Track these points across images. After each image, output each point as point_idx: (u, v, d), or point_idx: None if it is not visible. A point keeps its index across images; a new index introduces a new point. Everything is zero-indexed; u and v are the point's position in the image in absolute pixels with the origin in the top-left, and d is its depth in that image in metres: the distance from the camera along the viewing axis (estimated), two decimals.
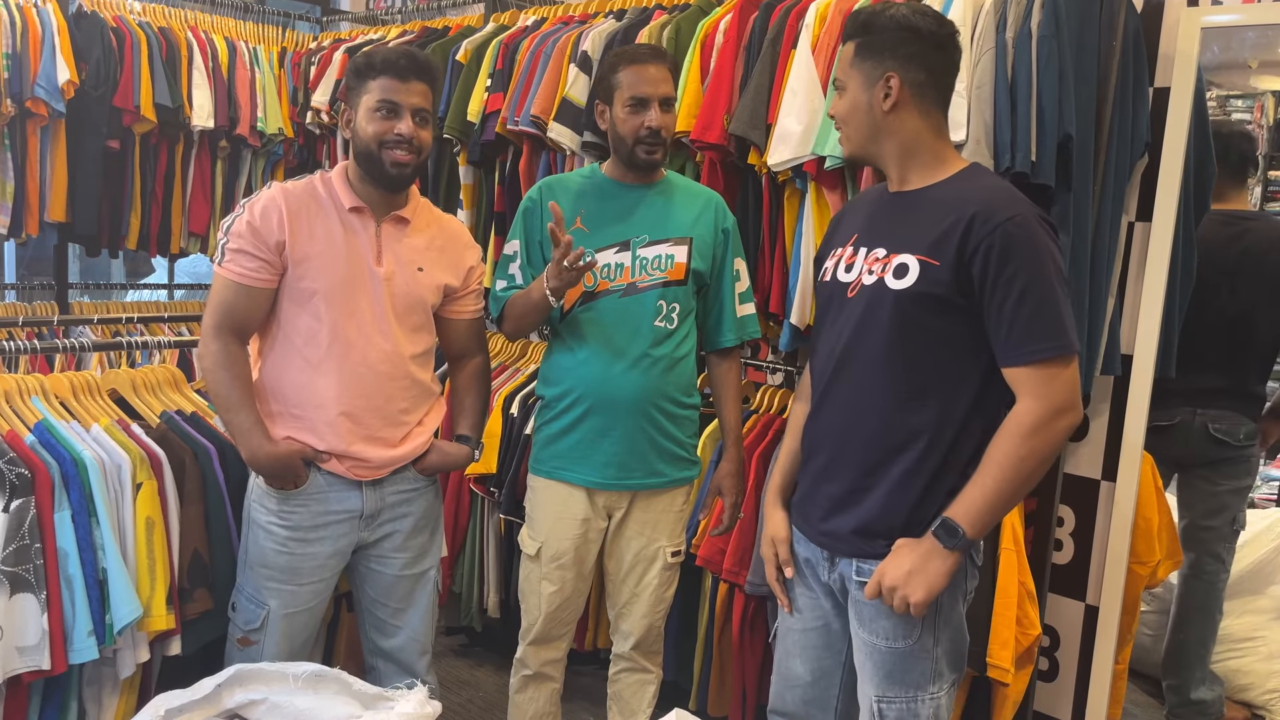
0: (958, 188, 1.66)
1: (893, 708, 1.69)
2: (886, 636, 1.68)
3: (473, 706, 3.02)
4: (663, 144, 2.11)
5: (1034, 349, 1.56)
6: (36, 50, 3.43)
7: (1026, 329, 1.56)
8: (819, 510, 1.77)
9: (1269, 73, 5.60)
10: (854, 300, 1.71)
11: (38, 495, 1.89)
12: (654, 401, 2.13)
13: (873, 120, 1.68)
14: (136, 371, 2.32)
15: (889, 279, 1.65)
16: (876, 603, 1.66)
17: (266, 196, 1.97)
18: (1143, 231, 2.38)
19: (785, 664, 1.90)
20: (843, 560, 1.74)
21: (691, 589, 2.67)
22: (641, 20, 2.88)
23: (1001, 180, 1.74)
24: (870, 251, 1.71)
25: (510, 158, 3.15)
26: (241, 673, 1.71)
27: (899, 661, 1.68)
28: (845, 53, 1.72)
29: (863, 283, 1.70)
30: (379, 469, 2.06)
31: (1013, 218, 1.57)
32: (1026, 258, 1.56)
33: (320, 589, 2.08)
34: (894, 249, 1.66)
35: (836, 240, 1.83)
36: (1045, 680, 2.55)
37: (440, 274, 2.10)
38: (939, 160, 1.70)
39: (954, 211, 1.60)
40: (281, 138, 4.13)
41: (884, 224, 1.72)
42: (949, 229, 1.60)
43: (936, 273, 1.60)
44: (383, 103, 1.95)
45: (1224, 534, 2.95)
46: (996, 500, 1.59)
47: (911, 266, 1.63)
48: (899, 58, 1.64)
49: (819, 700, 1.86)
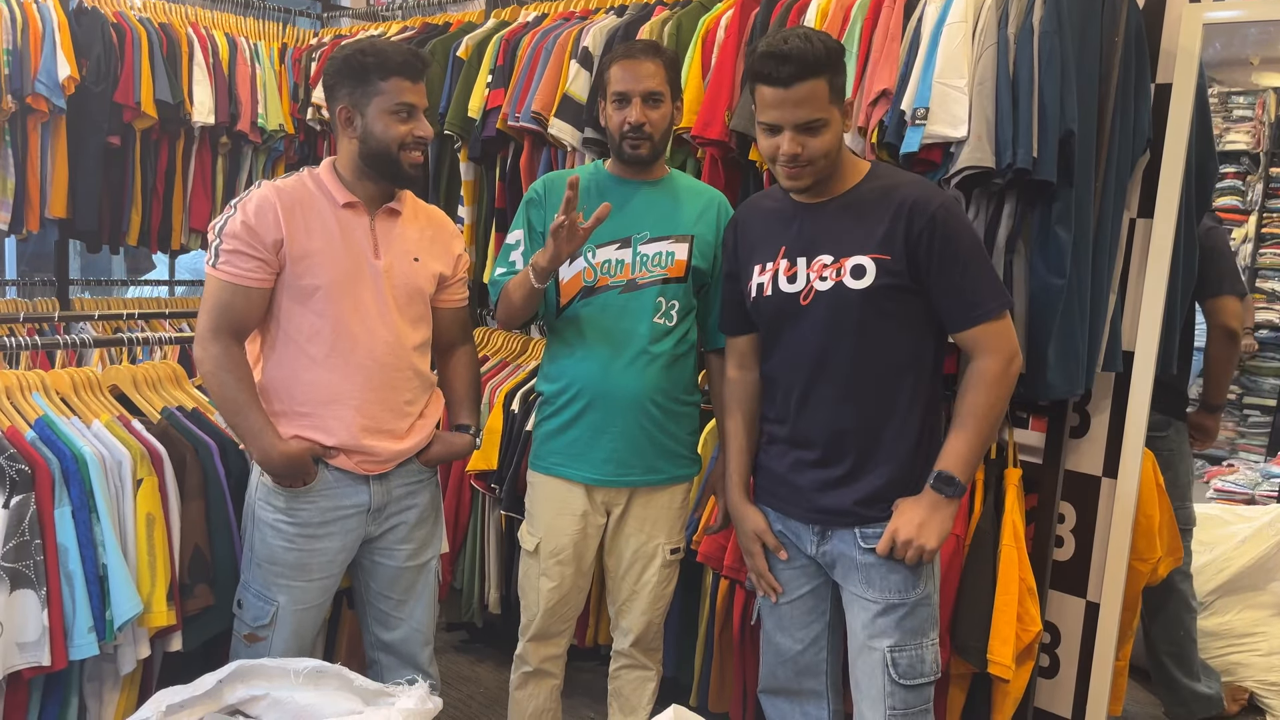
0: (878, 186, 1.82)
1: (904, 655, 1.83)
2: (899, 590, 1.82)
3: (473, 702, 3.02)
4: (648, 139, 2.10)
5: (983, 310, 1.78)
6: (37, 46, 3.42)
7: (973, 296, 1.78)
8: (810, 490, 1.89)
9: (1270, 69, 5.60)
10: (811, 306, 1.84)
11: (38, 491, 1.89)
12: (652, 398, 2.13)
13: (840, 147, 1.83)
14: (137, 367, 2.32)
15: (848, 280, 1.80)
16: (887, 562, 1.82)
17: (259, 195, 1.96)
18: (1144, 228, 2.37)
19: (774, 640, 2.02)
20: (839, 531, 1.87)
21: (692, 586, 2.67)
22: (643, 16, 2.88)
23: (911, 173, 1.95)
24: (812, 260, 1.83)
25: (511, 154, 3.15)
26: (243, 668, 1.71)
27: (909, 612, 1.83)
28: (818, 91, 1.72)
29: (815, 289, 1.83)
30: (386, 463, 2.06)
31: (942, 202, 1.78)
32: (960, 236, 1.78)
33: (329, 584, 2.09)
34: (842, 253, 1.81)
35: (755, 256, 1.92)
36: (1046, 677, 2.55)
37: (434, 263, 2.11)
38: (850, 165, 1.86)
39: (888, 207, 1.78)
40: (282, 134, 4.13)
41: (818, 233, 1.84)
42: (891, 223, 1.77)
43: (891, 265, 1.77)
44: (401, 105, 1.95)
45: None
46: (979, 447, 1.81)
47: (868, 266, 1.78)
48: (842, 83, 1.79)
49: (811, 668, 1.99)
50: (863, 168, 1.86)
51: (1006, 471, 2.36)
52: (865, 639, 1.85)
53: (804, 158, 1.74)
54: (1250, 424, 5.71)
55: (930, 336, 1.85)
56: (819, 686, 2.00)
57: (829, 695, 2.01)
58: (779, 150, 1.75)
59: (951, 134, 2.11)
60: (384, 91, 1.94)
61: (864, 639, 1.86)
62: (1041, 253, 2.14)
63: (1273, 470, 4.97)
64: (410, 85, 1.95)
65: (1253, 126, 5.75)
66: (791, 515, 1.93)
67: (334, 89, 1.99)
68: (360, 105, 1.96)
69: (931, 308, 1.81)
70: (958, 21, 2.15)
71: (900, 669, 1.82)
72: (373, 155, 1.97)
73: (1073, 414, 2.43)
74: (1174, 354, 2.57)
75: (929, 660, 1.85)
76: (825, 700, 2.00)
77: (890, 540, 1.80)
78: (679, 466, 2.21)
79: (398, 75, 1.94)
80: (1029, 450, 2.45)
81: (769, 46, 1.72)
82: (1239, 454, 5.65)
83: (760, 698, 2.08)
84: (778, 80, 1.70)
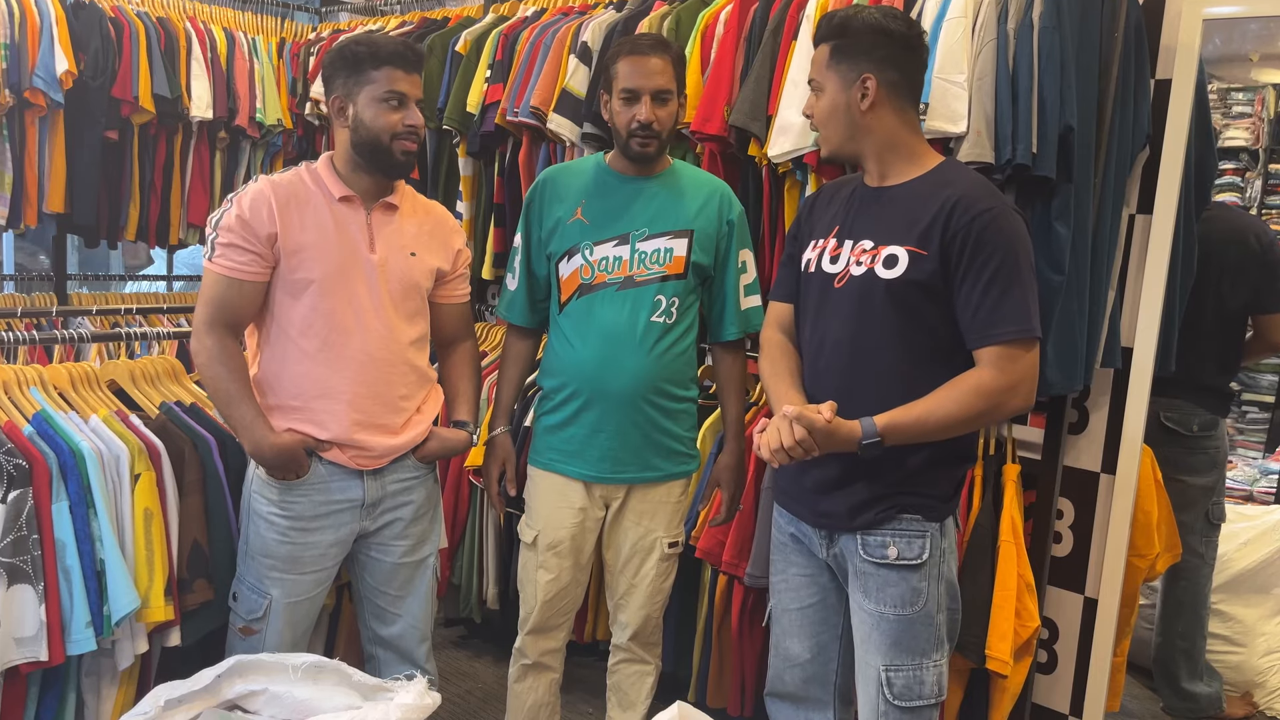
0: (938, 181, 1.75)
1: (900, 675, 1.76)
2: (894, 605, 1.75)
3: (472, 698, 3.02)
4: (656, 137, 2.09)
5: (1000, 331, 1.66)
6: (35, 40, 3.41)
7: (993, 312, 1.66)
8: (812, 491, 1.84)
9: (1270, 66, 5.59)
10: (842, 291, 1.79)
11: (35, 486, 1.88)
12: (647, 396, 2.12)
13: (851, 120, 1.77)
14: (135, 362, 2.32)
15: (879, 269, 1.74)
16: (884, 574, 1.75)
17: (254, 190, 1.96)
18: (1143, 224, 2.37)
19: (783, 644, 1.97)
20: (844, 536, 1.81)
21: (691, 581, 2.67)
22: (642, 11, 2.87)
23: (978, 174, 1.83)
24: (856, 244, 1.79)
25: (510, 149, 3.14)
26: (241, 663, 1.71)
27: (906, 629, 1.75)
28: (820, 55, 1.79)
29: (851, 273, 1.78)
30: (380, 458, 2.06)
31: (990, 208, 1.68)
32: (999, 245, 1.66)
33: (322, 578, 2.09)
34: (881, 241, 1.76)
35: (815, 230, 1.90)
36: (1044, 672, 2.55)
37: (431, 258, 2.11)
38: (916, 155, 1.79)
39: (936, 202, 1.71)
40: (280, 129, 4.12)
41: (867, 218, 1.80)
42: (933, 219, 1.70)
43: (924, 262, 1.70)
44: (391, 94, 1.94)
45: (1197, 527, 2.93)
46: (918, 423, 1.67)
47: (901, 257, 1.72)
48: (874, 60, 1.74)
49: (818, 677, 1.93)
50: (932, 160, 1.80)
51: (1005, 467, 2.36)
52: (862, 653, 1.81)
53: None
54: (1248, 420, 5.71)
55: (953, 352, 1.73)
56: (825, 696, 1.94)
57: (835, 705, 1.95)
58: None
59: (951, 129, 2.11)
60: (375, 80, 1.94)
61: (861, 652, 1.81)
62: (1040, 248, 2.13)
63: (1271, 467, 4.97)
64: (403, 75, 1.95)
65: (1252, 123, 5.74)
66: (801, 518, 1.89)
67: (330, 80, 2.00)
68: (352, 94, 1.96)
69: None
70: (957, 17, 2.15)
71: (895, 690, 1.76)
72: (364, 144, 1.97)
73: (1071, 410, 2.43)
74: (1173, 350, 2.57)
75: (929, 682, 1.76)
76: (831, 709, 1.95)
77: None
78: (676, 463, 2.21)
79: (390, 64, 1.94)
80: (1027, 446, 2.45)
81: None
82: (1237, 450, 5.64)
83: (766, 700, 2.05)
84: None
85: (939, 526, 1.79)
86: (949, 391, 1.68)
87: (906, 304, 1.72)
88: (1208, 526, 2.95)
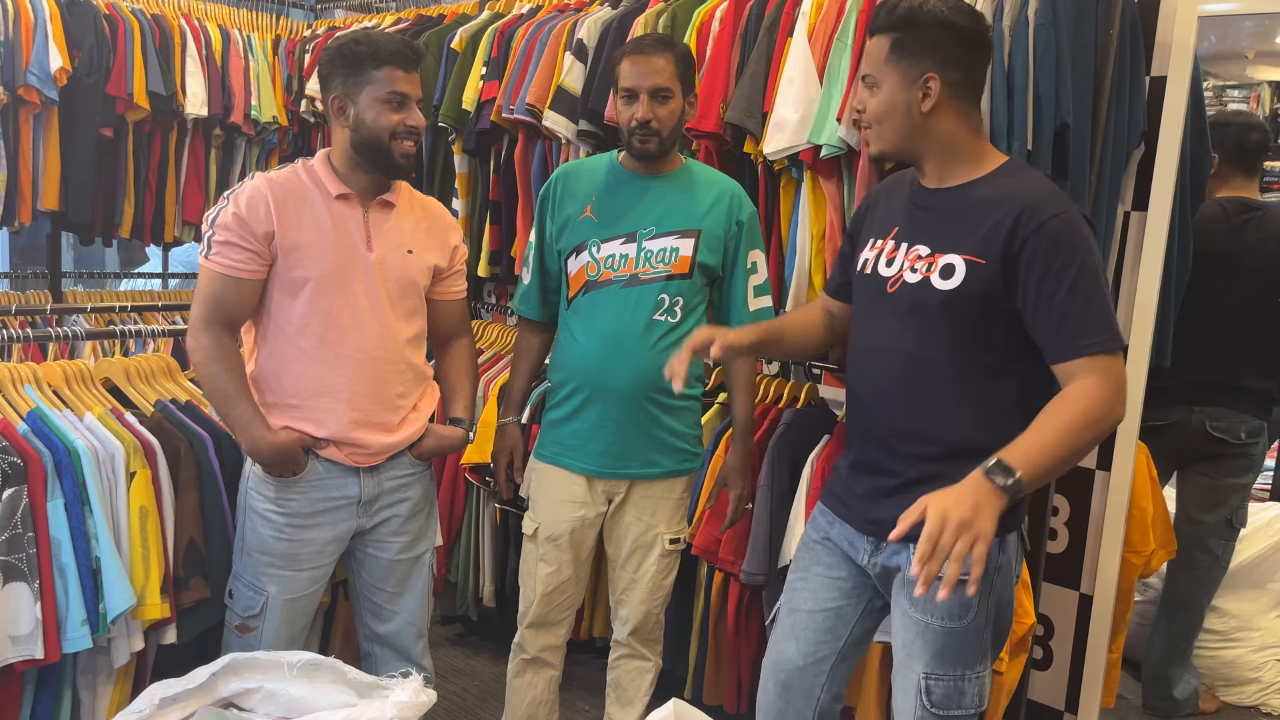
0: (1001, 184, 1.64)
1: (940, 685, 1.68)
2: (942, 616, 1.66)
3: (468, 695, 3.02)
4: (655, 135, 2.09)
5: (1089, 342, 1.54)
6: (29, 37, 3.40)
7: (1080, 322, 1.54)
8: (864, 498, 1.77)
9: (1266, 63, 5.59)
10: (895, 296, 1.70)
11: (30, 484, 1.88)
12: (648, 394, 2.13)
13: (910, 121, 1.66)
14: (130, 360, 2.32)
15: (935, 279, 1.64)
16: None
17: (251, 187, 1.95)
18: (1138, 221, 2.37)
19: (778, 645, 1.90)
20: (892, 545, 1.70)
21: (687, 578, 2.67)
22: (637, 8, 2.87)
23: (1044, 177, 1.72)
24: (912, 248, 1.70)
25: (506, 146, 3.14)
26: (236, 661, 1.70)
27: (952, 640, 1.67)
28: (878, 48, 1.67)
29: (904, 280, 1.69)
30: (377, 455, 2.06)
31: (1059, 214, 1.56)
32: (1074, 253, 1.55)
33: (319, 575, 2.09)
34: (938, 249, 1.66)
35: (875, 229, 1.81)
36: (1039, 669, 2.56)
37: (429, 255, 2.11)
38: (977, 156, 1.69)
39: (1000, 208, 1.59)
40: (275, 126, 4.11)
41: (926, 221, 1.71)
42: (995, 225, 1.59)
43: (983, 270, 1.60)
44: (393, 94, 1.94)
45: (1219, 529, 2.92)
46: (1052, 456, 1.49)
47: (958, 267, 1.62)
48: (937, 59, 1.62)
49: (802, 688, 1.85)
50: (993, 160, 1.69)
51: None
52: (904, 657, 1.73)
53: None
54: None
55: (1015, 372, 1.64)
56: (806, 710, 1.86)
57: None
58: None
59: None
60: (376, 80, 1.93)
61: (903, 656, 1.73)
62: None
63: (1267, 463, 4.98)
64: (404, 75, 1.95)
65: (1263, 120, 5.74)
66: (849, 522, 1.80)
67: (328, 79, 1.98)
68: (353, 94, 1.95)
69: (1022, 331, 1.60)
70: None
71: (934, 698, 1.69)
72: (364, 144, 1.97)
73: None
74: (1168, 346, 2.57)
75: (970, 694, 1.69)
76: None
77: (919, 514, 1.45)
78: (678, 461, 2.22)
79: (390, 64, 1.93)
80: None
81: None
82: None
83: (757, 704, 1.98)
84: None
85: (998, 541, 1.67)
86: (1057, 407, 1.53)
87: (962, 318, 1.63)
88: (1228, 529, 2.93)
